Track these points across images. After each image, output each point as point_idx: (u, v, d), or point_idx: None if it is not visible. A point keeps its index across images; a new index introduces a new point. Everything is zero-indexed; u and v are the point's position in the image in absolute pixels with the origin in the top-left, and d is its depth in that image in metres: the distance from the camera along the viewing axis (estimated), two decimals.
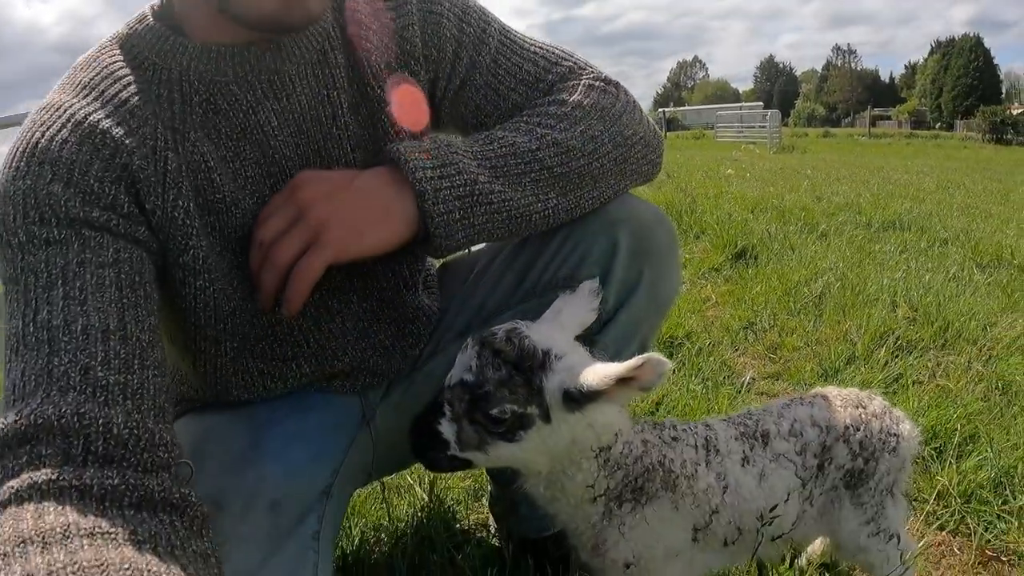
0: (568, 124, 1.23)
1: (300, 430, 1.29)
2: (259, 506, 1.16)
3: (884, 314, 3.56)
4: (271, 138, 1.14)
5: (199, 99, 1.08)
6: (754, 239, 5.47)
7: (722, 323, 3.66)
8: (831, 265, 4.65)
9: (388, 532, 1.88)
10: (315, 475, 1.27)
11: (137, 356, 0.90)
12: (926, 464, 2.19)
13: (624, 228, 1.31)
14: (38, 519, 0.69)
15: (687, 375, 2.89)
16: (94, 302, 0.90)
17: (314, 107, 1.17)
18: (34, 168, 0.95)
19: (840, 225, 6.46)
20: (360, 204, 1.10)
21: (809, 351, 3.22)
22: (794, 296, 3.99)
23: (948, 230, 6.36)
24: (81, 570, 0.63)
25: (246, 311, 1.18)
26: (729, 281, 4.56)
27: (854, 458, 1.34)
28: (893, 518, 1.41)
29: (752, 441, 1.30)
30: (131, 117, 1.03)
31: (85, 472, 0.77)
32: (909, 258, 5.08)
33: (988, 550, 1.85)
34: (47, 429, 0.79)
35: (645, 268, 1.34)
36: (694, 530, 1.24)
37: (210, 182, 1.10)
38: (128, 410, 0.85)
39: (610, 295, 1.33)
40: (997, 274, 4.75)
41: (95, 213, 0.96)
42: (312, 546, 1.19)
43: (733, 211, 7.08)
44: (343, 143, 1.21)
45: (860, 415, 1.37)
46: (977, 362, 3.00)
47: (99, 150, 0.99)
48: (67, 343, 0.86)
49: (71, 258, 0.92)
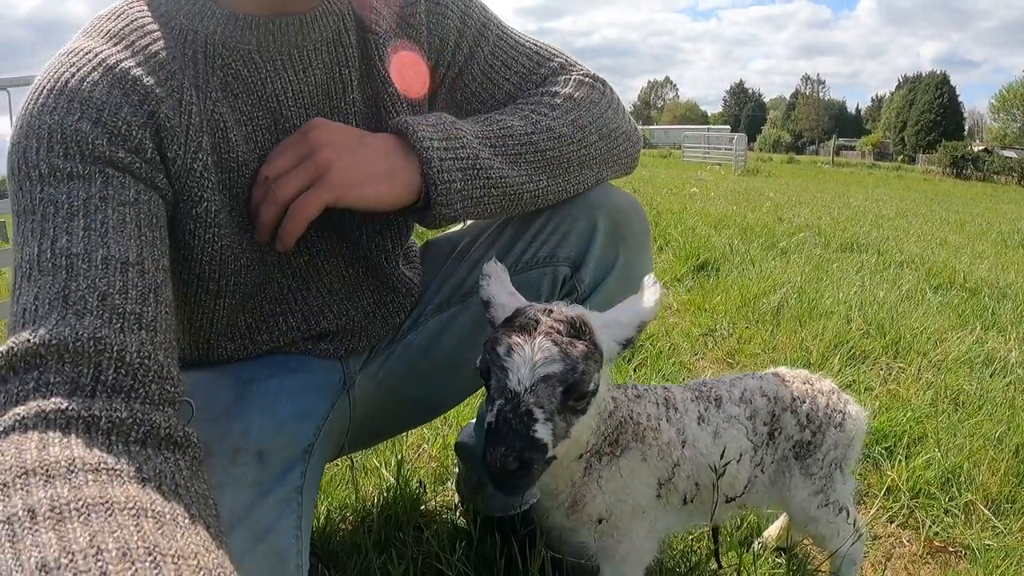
0: (560, 113, 1.31)
1: (285, 387, 1.32)
2: (246, 455, 1.19)
3: (839, 326, 3.65)
4: (284, 107, 1.17)
5: (221, 62, 1.11)
6: (716, 253, 5.58)
7: (682, 330, 3.73)
8: (789, 279, 4.75)
9: (354, 511, 1.91)
10: (300, 431, 1.30)
11: (153, 291, 0.90)
12: (877, 462, 2.28)
13: (603, 212, 1.39)
14: (43, 450, 0.68)
15: (647, 375, 2.95)
16: (115, 235, 0.90)
17: (326, 82, 1.22)
18: (63, 105, 0.95)
19: (799, 243, 6.59)
20: (367, 157, 1.14)
21: (766, 357, 3.30)
22: (753, 307, 4.08)
23: (904, 253, 6.53)
24: (85, 506, 0.62)
25: (248, 269, 1.21)
26: (691, 291, 4.64)
27: (802, 429, 1.43)
28: (842, 492, 1.48)
29: (706, 403, 1.39)
30: (160, 69, 1.05)
31: (94, 403, 0.76)
32: (865, 277, 5.21)
33: (936, 542, 1.93)
34: (60, 351, 0.78)
35: (621, 251, 1.41)
36: (658, 484, 1.31)
37: (226, 141, 1.12)
38: (142, 340, 0.84)
39: (587, 275, 1.41)
40: (949, 295, 4.89)
41: (120, 154, 0.96)
42: (296, 499, 1.22)
43: (697, 226, 7.19)
44: (349, 118, 1.25)
45: (807, 390, 1.46)
46: (927, 372, 3.10)
47: (129, 95, 1.00)
48: (86, 269, 0.85)
49: (94, 192, 0.92)
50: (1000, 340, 3.74)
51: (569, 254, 1.40)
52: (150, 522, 0.63)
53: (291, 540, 1.17)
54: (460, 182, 1.17)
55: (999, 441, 2.40)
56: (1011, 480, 2.17)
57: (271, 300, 1.31)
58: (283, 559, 1.15)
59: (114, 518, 0.61)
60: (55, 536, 0.58)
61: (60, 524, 0.59)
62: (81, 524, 0.59)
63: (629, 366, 3.03)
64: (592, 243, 1.39)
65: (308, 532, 1.24)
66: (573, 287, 1.42)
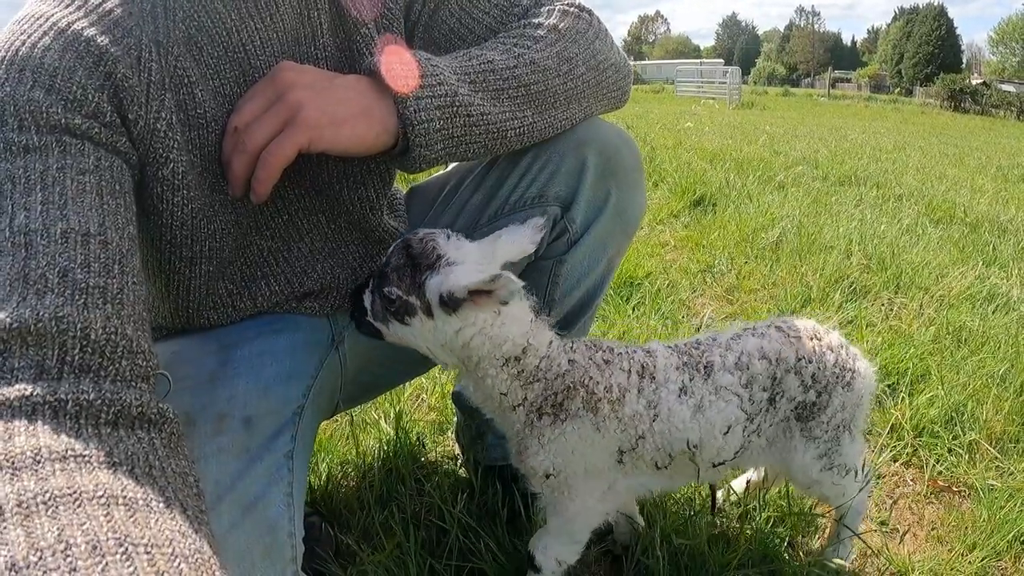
0: (543, 45, 1.24)
1: (270, 349, 1.28)
2: (232, 422, 1.15)
3: (839, 261, 3.62)
4: (252, 57, 1.12)
5: (183, 15, 1.05)
6: (712, 188, 5.53)
7: (680, 266, 3.70)
8: (788, 214, 4.70)
9: (355, 467, 1.89)
10: (287, 394, 1.26)
11: (117, 262, 0.86)
12: (880, 400, 2.25)
13: (592, 148, 1.32)
14: (7, 441, 0.65)
15: (647, 313, 2.92)
16: (74, 207, 0.86)
17: (295, 27, 1.16)
18: (14, 75, 0.90)
19: (797, 177, 6.53)
20: (340, 97, 1.07)
21: (766, 293, 3.28)
22: (751, 242, 4.04)
23: (903, 187, 6.48)
24: (52, 499, 0.60)
25: (223, 233, 1.16)
26: (687, 227, 4.60)
27: (806, 391, 1.33)
28: (849, 454, 1.40)
29: (693, 372, 1.29)
30: (115, 27, 0.99)
31: (60, 386, 0.73)
32: (864, 211, 5.16)
33: (939, 481, 1.92)
34: (22, 334, 0.74)
35: (612, 188, 1.36)
36: (619, 452, 1.27)
37: (192, 97, 1.07)
38: (107, 314, 0.81)
39: (578, 214, 1.35)
40: (949, 230, 4.86)
41: (77, 120, 0.92)
42: (287, 464, 1.19)
43: (692, 161, 7.11)
44: (322, 63, 1.19)
45: (814, 347, 1.34)
46: (929, 308, 3.07)
47: (83, 57, 0.95)
48: (45, 246, 0.81)
49: (51, 164, 0.88)
50: (1002, 276, 3.71)
51: (559, 193, 1.33)
52: (121, 510, 0.61)
53: (281, 508, 1.13)
54: (439, 121, 1.11)
55: (1003, 380, 2.38)
56: (1015, 419, 2.15)
57: (251, 264, 1.26)
58: (273, 529, 1.11)
59: (83, 509, 0.59)
60: (23, 533, 0.56)
61: (28, 520, 0.57)
62: (49, 518, 0.58)
63: (627, 304, 3.00)
64: (582, 181, 1.33)
65: (301, 498, 1.21)
66: (565, 227, 1.36)
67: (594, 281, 1.47)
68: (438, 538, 1.58)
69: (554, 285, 1.42)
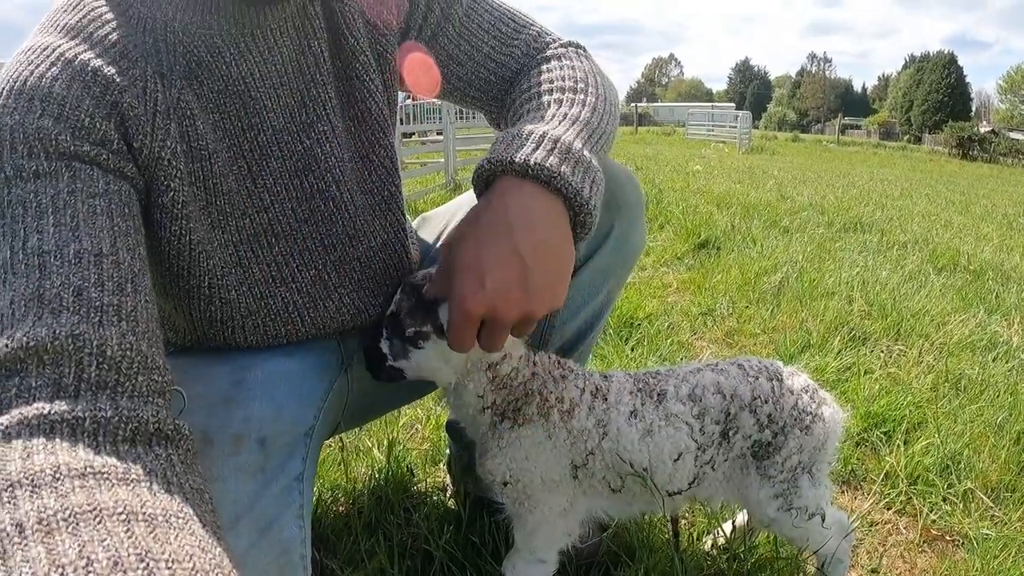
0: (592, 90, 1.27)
1: (284, 371, 1.28)
2: (249, 443, 1.16)
3: (840, 306, 3.63)
4: (253, 89, 1.13)
5: (183, 49, 1.08)
6: (717, 231, 5.55)
7: (682, 308, 3.71)
8: (791, 259, 4.72)
9: (345, 492, 1.89)
10: (300, 416, 1.27)
11: (130, 280, 0.88)
12: (875, 447, 2.25)
13: None
14: (27, 460, 0.66)
15: (644, 353, 2.93)
16: (86, 228, 0.88)
17: (295, 58, 1.18)
18: (23, 104, 0.92)
19: (803, 222, 6.55)
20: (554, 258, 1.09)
21: (765, 337, 3.28)
22: (753, 286, 4.05)
23: (907, 234, 6.49)
24: (73, 516, 0.60)
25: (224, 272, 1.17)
26: (691, 270, 4.61)
27: (761, 429, 1.34)
28: (809, 497, 1.39)
29: (646, 398, 1.33)
30: (121, 58, 1.02)
31: (77, 404, 0.74)
32: (868, 257, 5.17)
33: (932, 530, 1.90)
34: (39, 353, 0.76)
35: (615, 220, 1.40)
36: (573, 467, 1.32)
37: (194, 129, 1.09)
38: (123, 331, 0.82)
39: (580, 244, 1.36)
40: (952, 278, 4.85)
41: (85, 147, 0.94)
42: (297, 487, 1.20)
43: (698, 204, 7.15)
44: (326, 90, 1.21)
45: (773, 387, 1.36)
46: (928, 355, 3.07)
47: (90, 87, 0.97)
48: (59, 266, 0.83)
49: (61, 188, 0.90)
50: (1003, 324, 3.71)
51: None
52: (141, 526, 0.62)
53: (295, 530, 1.14)
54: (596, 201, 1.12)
55: (1000, 428, 2.37)
56: (1011, 468, 2.14)
57: (274, 317, 1.26)
58: (287, 551, 1.12)
59: (103, 525, 0.60)
60: (44, 550, 0.57)
61: (48, 536, 0.58)
62: (70, 535, 0.58)
63: (626, 345, 3.00)
64: None
65: (309, 520, 1.22)
66: None
67: (593, 310, 1.51)
68: (423, 567, 1.58)
69: (554, 313, 1.42)
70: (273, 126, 1.17)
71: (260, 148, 1.16)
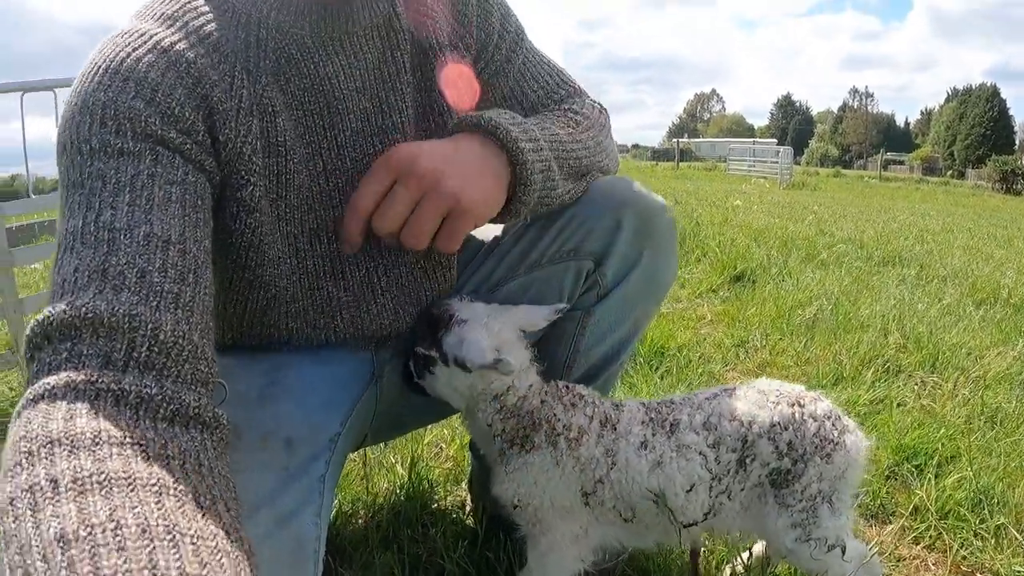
0: (583, 129, 1.39)
1: (316, 376, 1.33)
2: (275, 441, 1.21)
3: (874, 339, 3.58)
4: (336, 89, 1.18)
5: (274, 46, 1.12)
6: (753, 264, 5.51)
7: (714, 340, 3.69)
8: (826, 292, 4.67)
9: (365, 505, 1.92)
10: (327, 421, 1.32)
11: (192, 271, 0.90)
12: (906, 480, 2.21)
13: (630, 209, 1.41)
14: (69, 421, 0.68)
15: (673, 383, 2.91)
16: (159, 213, 0.90)
17: (378, 65, 1.23)
18: (117, 83, 0.96)
19: (840, 256, 6.49)
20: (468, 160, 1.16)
21: (798, 370, 3.25)
22: (787, 318, 4.01)
23: (947, 268, 6.38)
24: (107, 480, 0.62)
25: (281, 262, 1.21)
26: (725, 302, 4.59)
27: (780, 457, 1.32)
28: (829, 528, 1.36)
29: (657, 428, 1.35)
30: (213, 51, 1.06)
31: (124, 378, 0.76)
32: (905, 290, 5.10)
33: (963, 566, 1.86)
34: (94, 324, 0.78)
35: (646, 249, 1.43)
36: (584, 494, 1.34)
37: (275, 126, 1.13)
38: (177, 319, 0.84)
39: (609, 269, 1.43)
40: (992, 311, 4.76)
41: (171, 134, 0.97)
42: (319, 488, 1.23)
43: (736, 238, 7.11)
44: (403, 99, 1.27)
45: (793, 414, 1.34)
46: (964, 388, 3.01)
47: (183, 77, 1.01)
48: (127, 245, 0.86)
49: (142, 169, 0.93)
50: None
51: (593, 249, 1.41)
52: (171, 500, 0.63)
53: (311, 527, 1.18)
54: (539, 183, 1.22)
55: None
56: None
57: (320, 310, 1.31)
58: (302, 545, 1.15)
59: (135, 493, 0.61)
60: (75, 508, 0.58)
61: (81, 496, 0.59)
62: (102, 497, 0.60)
63: (655, 373, 2.99)
64: (617, 238, 1.41)
65: (327, 520, 1.26)
66: (596, 281, 1.44)
67: (620, 337, 1.53)
68: None
69: (580, 336, 1.49)
70: (351, 127, 1.22)
71: (337, 148, 1.21)
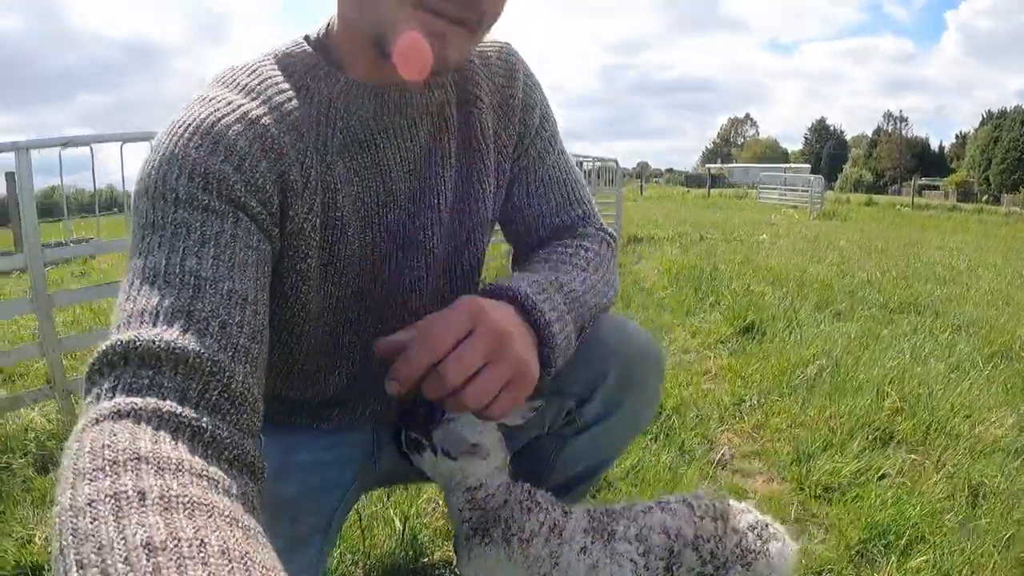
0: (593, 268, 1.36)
1: (320, 461, 1.46)
2: (282, 516, 1.33)
3: (868, 403, 3.64)
4: (391, 170, 1.24)
5: (342, 124, 1.18)
6: (765, 314, 5.58)
7: (714, 397, 3.79)
8: (831, 349, 4.72)
9: (363, 555, 2.11)
10: (327, 501, 1.47)
11: (260, 332, 0.94)
12: (873, 558, 2.28)
13: (616, 362, 1.47)
14: (156, 444, 0.70)
15: (663, 446, 3.04)
16: (239, 272, 0.94)
17: (429, 148, 1.29)
18: (207, 144, 1.00)
19: (856, 304, 6.52)
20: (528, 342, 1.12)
21: (790, 433, 3.33)
22: (788, 377, 4.09)
23: (962, 317, 6.34)
24: (191, 503, 0.63)
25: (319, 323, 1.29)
26: (733, 355, 4.67)
27: (703, 564, 1.45)
28: None
29: (596, 536, 1.45)
30: (292, 129, 1.11)
31: (201, 416, 0.78)
32: (916, 342, 5.12)
33: None
34: (177, 361, 0.81)
35: (627, 399, 1.51)
36: None
37: (334, 203, 1.18)
38: (247, 372, 0.88)
39: (589, 413, 1.52)
40: (1002, 367, 4.70)
41: (252, 203, 1.02)
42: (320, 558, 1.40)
43: (752, 282, 7.18)
44: (445, 183, 1.32)
45: (716, 527, 1.47)
46: (951, 461, 3.06)
47: (268, 151, 1.06)
48: (212, 296, 0.89)
49: (226, 228, 0.96)
50: None
51: (577, 391, 1.49)
52: (241, 532, 0.66)
53: None
54: (560, 364, 1.19)
55: (1007, 545, 2.35)
56: None
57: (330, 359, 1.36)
58: None
59: (214, 520, 0.63)
60: (162, 521, 0.59)
61: (167, 512, 0.61)
62: (186, 517, 0.61)
63: (646, 437, 3.09)
64: (600, 386, 1.49)
65: None
66: (575, 418, 1.54)
67: (596, 462, 1.65)
68: None
69: (556, 457, 1.60)
70: (400, 205, 1.28)
71: (387, 225, 1.27)
